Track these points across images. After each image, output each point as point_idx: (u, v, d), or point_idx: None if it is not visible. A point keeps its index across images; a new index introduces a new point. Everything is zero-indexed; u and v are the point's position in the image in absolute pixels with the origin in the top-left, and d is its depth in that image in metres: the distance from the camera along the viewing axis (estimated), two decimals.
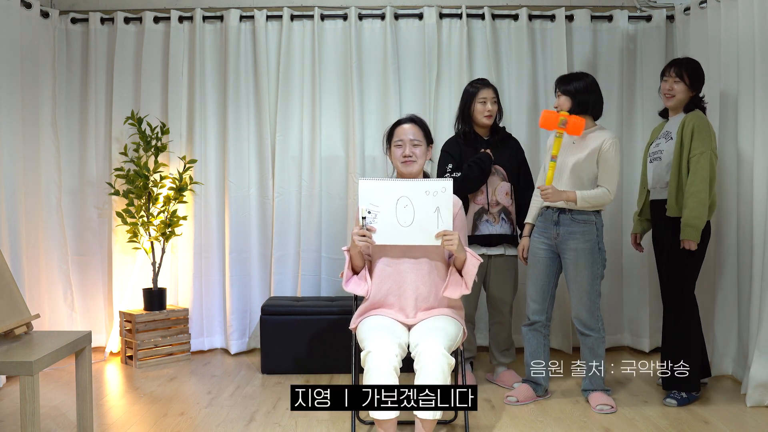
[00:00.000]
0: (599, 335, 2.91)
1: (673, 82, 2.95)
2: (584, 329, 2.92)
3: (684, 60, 2.99)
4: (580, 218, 2.88)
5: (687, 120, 2.88)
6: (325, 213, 3.91)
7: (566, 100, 2.88)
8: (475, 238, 3.13)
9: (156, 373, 3.50)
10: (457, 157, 3.17)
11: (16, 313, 2.24)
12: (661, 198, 3.01)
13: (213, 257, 3.91)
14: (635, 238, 3.31)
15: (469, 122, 3.19)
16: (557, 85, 2.95)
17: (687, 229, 2.82)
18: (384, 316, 2.36)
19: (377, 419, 2.12)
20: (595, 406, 2.84)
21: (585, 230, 2.87)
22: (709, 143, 2.83)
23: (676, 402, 2.89)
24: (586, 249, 2.86)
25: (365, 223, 2.30)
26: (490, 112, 3.12)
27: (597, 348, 2.91)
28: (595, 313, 2.90)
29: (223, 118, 3.89)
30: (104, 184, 3.87)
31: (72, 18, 3.88)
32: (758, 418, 2.75)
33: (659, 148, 3.03)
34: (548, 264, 2.96)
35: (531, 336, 3.00)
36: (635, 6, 3.95)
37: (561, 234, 2.90)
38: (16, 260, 3.41)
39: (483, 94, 3.14)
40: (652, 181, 3.08)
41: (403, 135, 2.48)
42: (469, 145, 3.18)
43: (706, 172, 2.81)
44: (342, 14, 3.88)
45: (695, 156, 2.82)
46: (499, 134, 3.22)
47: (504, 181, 3.15)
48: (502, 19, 3.90)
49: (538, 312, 2.98)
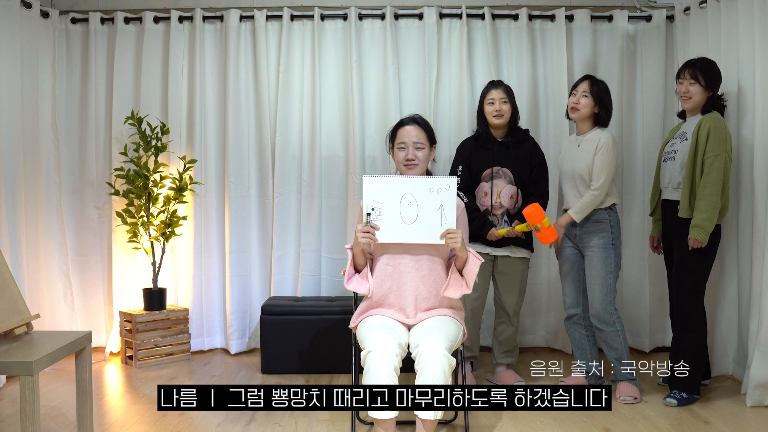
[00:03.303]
0: (614, 329, 3.01)
1: (688, 84, 2.94)
2: (598, 323, 3.03)
3: (698, 61, 2.97)
4: (594, 217, 3.02)
5: (703, 122, 2.87)
6: (325, 213, 3.91)
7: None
8: (481, 237, 3.12)
9: (156, 373, 3.50)
10: (467, 157, 3.17)
11: (16, 313, 2.24)
12: (673, 198, 3.01)
13: (213, 257, 3.91)
14: (653, 241, 3.30)
15: (483, 123, 3.19)
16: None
17: (695, 229, 2.82)
18: (384, 315, 2.36)
19: (376, 419, 2.12)
20: (619, 397, 2.96)
21: (599, 228, 3.02)
22: (725, 145, 2.82)
23: (677, 402, 2.89)
24: (601, 245, 3.00)
25: (369, 220, 2.30)
26: (498, 112, 3.11)
27: (613, 341, 3.01)
28: (608, 308, 3.00)
29: (223, 118, 3.89)
30: (104, 184, 3.87)
31: (72, 18, 3.88)
32: (758, 418, 2.75)
33: (673, 148, 3.03)
34: (575, 260, 3.14)
35: (572, 329, 3.19)
36: (635, 6, 3.95)
37: (579, 234, 3.07)
38: (16, 260, 3.41)
39: (491, 95, 3.13)
40: (664, 181, 3.09)
41: (406, 137, 2.47)
42: (481, 146, 3.17)
43: (720, 174, 2.81)
44: (342, 14, 3.88)
45: (710, 158, 2.82)
46: (515, 136, 3.17)
47: (510, 184, 3.12)
48: (502, 19, 3.90)
49: (573, 305, 3.16)
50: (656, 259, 3.69)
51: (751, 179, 3.03)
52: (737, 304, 3.21)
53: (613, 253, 3.00)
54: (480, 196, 3.14)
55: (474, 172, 3.15)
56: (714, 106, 2.95)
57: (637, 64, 3.91)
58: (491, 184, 3.12)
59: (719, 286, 3.26)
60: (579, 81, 3.10)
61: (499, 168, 3.12)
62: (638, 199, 3.84)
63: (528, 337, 3.96)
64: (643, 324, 3.85)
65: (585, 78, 3.09)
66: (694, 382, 2.93)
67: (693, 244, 2.85)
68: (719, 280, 3.25)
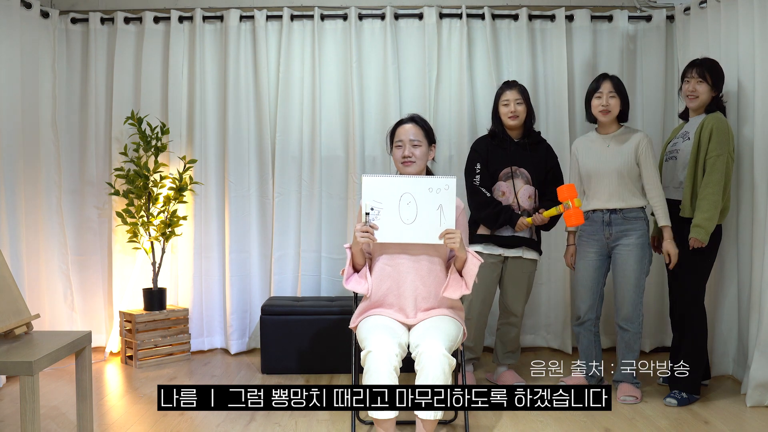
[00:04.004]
0: (637, 331, 3.00)
1: (696, 83, 2.93)
2: (625, 323, 3.00)
3: (704, 60, 2.97)
4: (630, 215, 2.98)
5: (706, 121, 2.87)
6: (325, 213, 3.91)
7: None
8: (494, 238, 3.10)
9: (156, 373, 3.50)
10: (483, 154, 3.13)
11: (16, 313, 2.24)
12: (674, 198, 3.00)
13: (213, 257, 3.91)
14: (654, 240, 3.23)
15: (498, 123, 3.17)
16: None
17: (696, 229, 2.81)
18: (384, 315, 2.36)
19: (376, 419, 2.12)
20: (620, 397, 2.95)
21: (637, 227, 2.98)
22: (727, 146, 2.82)
23: (677, 402, 2.89)
24: (638, 244, 2.96)
25: (368, 220, 2.30)
26: (513, 114, 3.09)
27: (633, 344, 3.01)
28: (637, 308, 2.99)
29: (223, 118, 3.89)
30: (104, 184, 3.87)
31: (72, 18, 3.88)
32: (758, 418, 2.75)
33: (675, 147, 3.03)
34: (598, 266, 3.07)
35: (583, 334, 3.14)
36: (635, 6, 3.95)
37: (614, 233, 3.00)
38: (16, 260, 3.41)
39: (506, 96, 3.10)
40: (665, 180, 3.08)
41: (404, 135, 2.48)
42: (497, 146, 3.15)
43: (722, 174, 2.80)
44: (342, 14, 3.88)
45: (712, 158, 2.81)
46: (531, 137, 3.15)
47: (527, 184, 3.10)
48: (502, 19, 3.90)
49: (588, 311, 3.11)
50: (656, 259, 3.68)
51: (751, 179, 3.03)
52: (737, 304, 3.21)
53: (648, 252, 2.99)
54: (497, 195, 3.11)
55: (491, 171, 3.12)
56: (717, 106, 2.95)
57: (637, 64, 3.91)
58: (510, 184, 3.09)
59: (719, 286, 3.25)
60: (599, 82, 3.03)
61: (517, 168, 3.10)
62: None
63: (528, 337, 3.96)
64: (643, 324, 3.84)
65: (605, 78, 3.03)
66: (695, 382, 2.93)
67: (693, 244, 2.85)
68: (719, 280, 3.25)
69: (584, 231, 3.12)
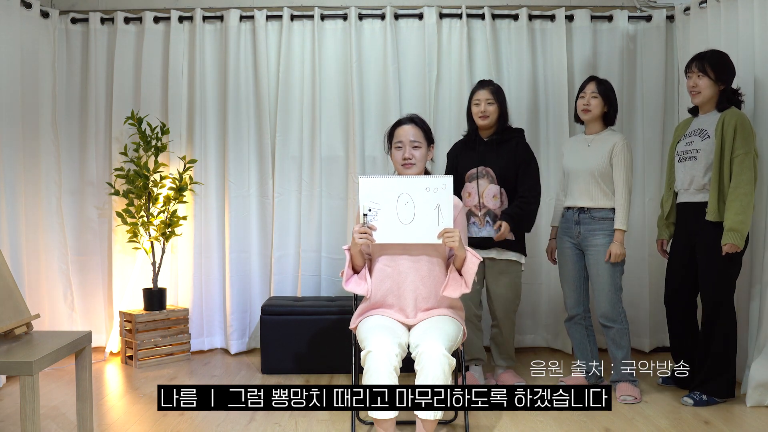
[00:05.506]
0: (621, 326, 3.01)
1: (696, 77, 2.87)
2: (606, 321, 3.02)
3: (707, 53, 2.88)
4: (598, 215, 3.01)
5: (727, 118, 2.75)
6: (325, 213, 3.91)
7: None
8: (468, 240, 3.10)
9: (156, 373, 3.50)
10: (453, 159, 3.18)
11: (16, 313, 2.24)
12: (694, 201, 2.90)
13: (213, 257, 3.91)
14: (662, 244, 3.19)
15: (472, 123, 3.18)
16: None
17: (731, 233, 2.68)
18: (384, 316, 2.36)
19: (376, 419, 2.12)
20: (619, 397, 2.95)
21: (605, 227, 3.00)
22: (752, 142, 2.71)
23: (693, 402, 2.87)
24: (606, 244, 2.98)
25: (366, 221, 2.30)
26: (483, 114, 3.09)
27: (620, 339, 3.01)
28: (616, 306, 3.00)
29: (223, 118, 3.89)
30: (104, 184, 3.87)
31: (72, 18, 3.88)
32: (758, 418, 2.75)
33: (693, 147, 2.89)
34: (576, 260, 3.11)
35: (573, 330, 3.18)
36: (635, 6, 3.95)
37: (582, 232, 3.05)
38: (16, 260, 3.41)
39: (478, 96, 3.11)
40: (683, 182, 2.96)
41: (403, 136, 2.47)
42: (468, 147, 3.17)
43: (751, 173, 2.68)
44: (342, 14, 3.88)
45: (739, 156, 2.70)
46: (502, 135, 3.11)
47: (492, 183, 3.07)
48: (502, 19, 3.90)
49: (574, 306, 3.15)
50: (656, 259, 3.69)
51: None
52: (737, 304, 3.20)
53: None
54: (464, 196, 3.11)
55: (460, 174, 3.13)
56: (729, 101, 2.84)
57: (637, 64, 3.91)
58: (475, 185, 3.08)
59: None
60: (585, 83, 3.08)
61: (482, 168, 3.08)
62: (638, 200, 3.84)
63: (528, 337, 3.96)
64: (643, 324, 3.85)
65: (591, 79, 3.07)
66: (723, 386, 2.86)
67: (729, 250, 2.71)
68: None
69: (561, 227, 3.18)
